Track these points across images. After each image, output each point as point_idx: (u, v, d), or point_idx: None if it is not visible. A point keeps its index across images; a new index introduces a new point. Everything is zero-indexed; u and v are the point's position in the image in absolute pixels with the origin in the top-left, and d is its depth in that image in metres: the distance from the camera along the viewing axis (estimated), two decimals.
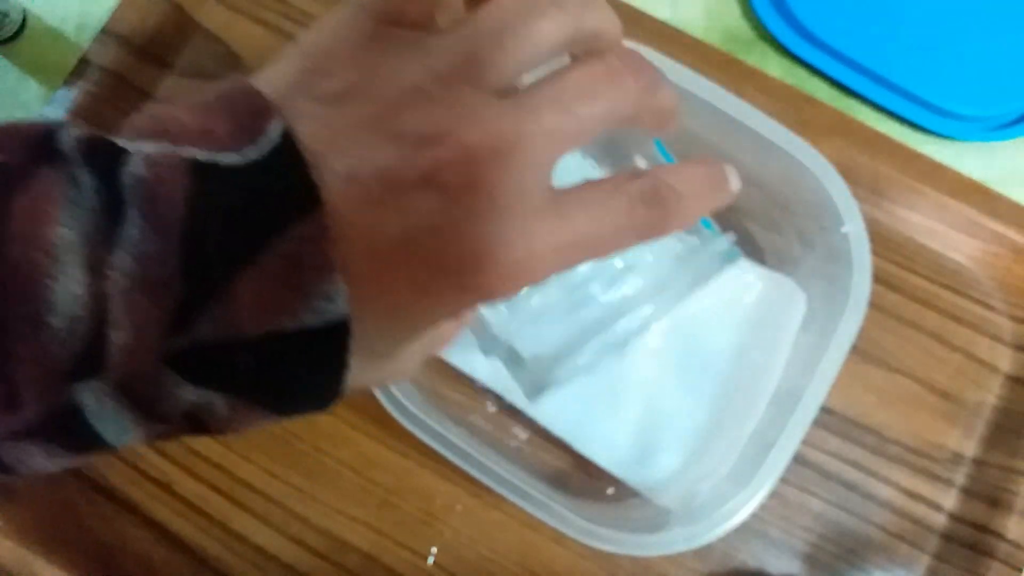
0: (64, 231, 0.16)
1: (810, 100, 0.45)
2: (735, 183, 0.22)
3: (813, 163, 0.37)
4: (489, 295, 0.18)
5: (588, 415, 0.40)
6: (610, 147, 0.23)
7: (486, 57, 0.18)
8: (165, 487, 0.41)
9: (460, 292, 0.18)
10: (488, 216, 0.17)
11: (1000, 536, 0.40)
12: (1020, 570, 0.39)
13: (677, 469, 0.39)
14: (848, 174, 0.37)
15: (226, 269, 0.16)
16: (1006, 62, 0.46)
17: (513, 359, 0.24)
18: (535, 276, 0.18)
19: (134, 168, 0.16)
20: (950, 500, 0.41)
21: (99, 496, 0.41)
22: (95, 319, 0.16)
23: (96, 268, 0.16)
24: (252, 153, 0.17)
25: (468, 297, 0.18)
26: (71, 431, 0.17)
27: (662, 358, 0.40)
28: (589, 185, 0.19)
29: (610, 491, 0.40)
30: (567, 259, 0.19)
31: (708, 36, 0.47)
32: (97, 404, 0.17)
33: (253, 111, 0.17)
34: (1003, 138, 0.46)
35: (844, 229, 0.37)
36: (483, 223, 0.17)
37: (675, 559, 0.40)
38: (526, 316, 0.23)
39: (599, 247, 0.19)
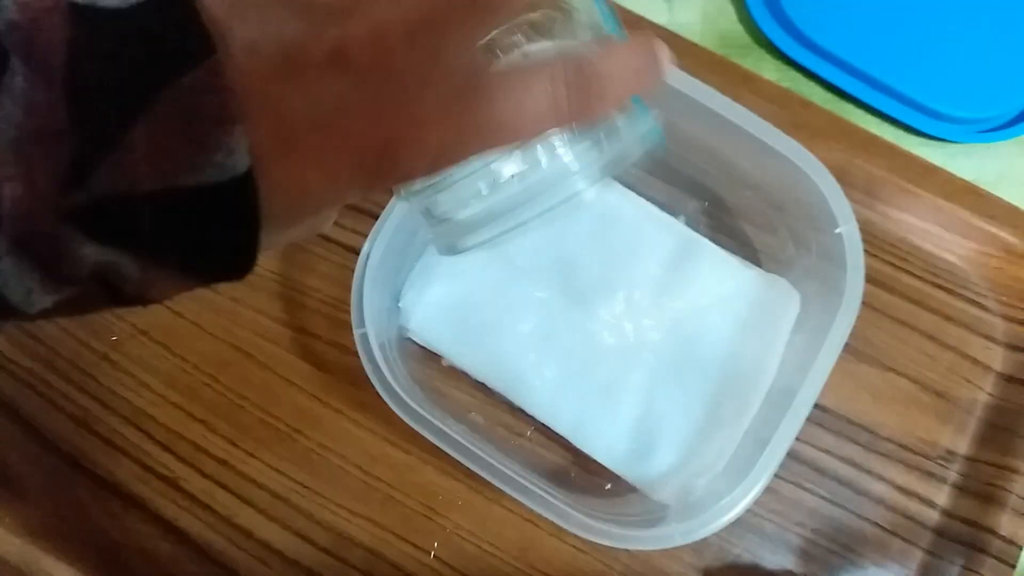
0: None
1: (805, 103, 0.45)
2: (665, 65, 0.21)
3: (808, 165, 0.37)
4: (403, 178, 0.18)
5: (586, 412, 0.40)
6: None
7: None
8: (171, 483, 0.41)
9: (371, 177, 0.17)
10: (400, 98, 0.17)
11: (993, 532, 0.40)
12: (1013, 566, 0.40)
13: (674, 465, 0.39)
14: (842, 176, 0.38)
15: (118, 118, 0.15)
16: (998, 65, 0.46)
17: (429, 216, 0.23)
18: (451, 159, 0.18)
19: (6, 14, 0.15)
20: (943, 496, 0.42)
21: (105, 492, 0.41)
22: None
23: None
24: None
25: (379, 181, 0.18)
26: None
27: (659, 356, 0.41)
28: (513, 68, 0.19)
29: (608, 486, 0.40)
30: (485, 142, 0.18)
31: (704, 40, 0.47)
32: None
33: None
34: (995, 140, 0.46)
35: (838, 230, 0.37)
36: (394, 105, 0.17)
37: (672, 553, 0.40)
38: (447, 181, 0.22)
39: (520, 131, 0.19)
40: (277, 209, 0.17)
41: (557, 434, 0.41)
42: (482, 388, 0.42)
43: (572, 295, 0.41)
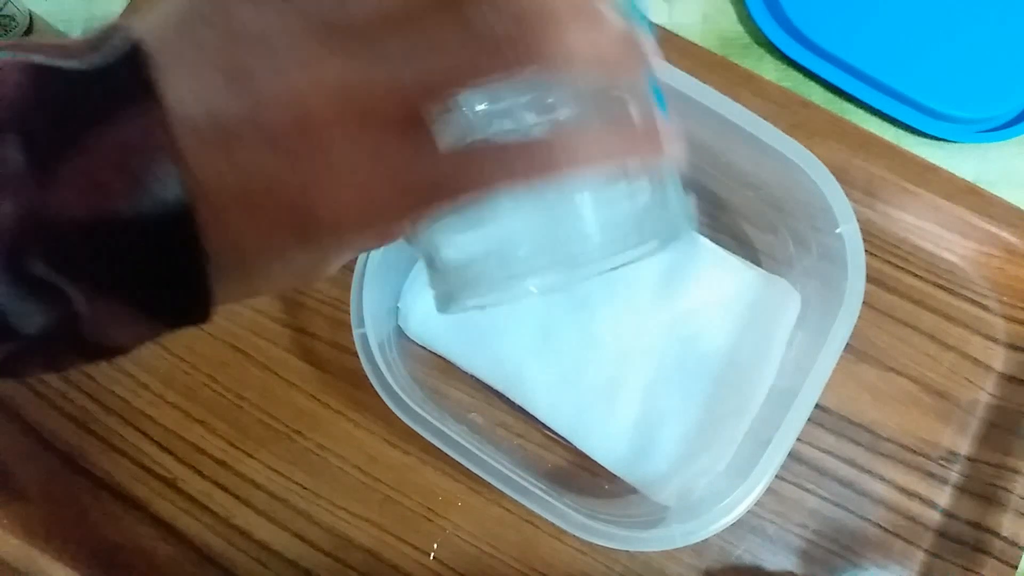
0: None
1: (805, 103, 0.45)
2: (668, 150, 0.20)
3: (808, 165, 0.37)
4: (333, 234, 0.18)
5: (587, 414, 0.40)
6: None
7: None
8: (170, 484, 0.41)
9: (300, 237, 0.18)
10: (316, 168, 0.17)
11: (994, 533, 0.40)
12: (1015, 567, 0.40)
13: (674, 466, 0.39)
14: (842, 176, 0.38)
15: (54, 152, 0.16)
16: (998, 65, 0.46)
17: (432, 263, 0.22)
18: (384, 220, 0.18)
19: None
20: (944, 497, 0.41)
21: (104, 493, 0.41)
22: None
23: None
24: (96, 60, 0.17)
25: (317, 240, 0.18)
26: None
27: (659, 357, 0.41)
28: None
29: (608, 487, 0.40)
30: (419, 202, 0.18)
31: (704, 40, 0.47)
32: None
33: (106, 28, 0.18)
34: (996, 140, 0.46)
35: (839, 230, 0.37)
36: (310, 175, 0.17)
37: (672, 555, 0.40)
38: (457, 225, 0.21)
39: (457, 190, 0.18)
40: (220, 247, 0.18)
41: (557, 435, 0.40)
42: (482, 388, 0.41)
43: (572, 295, 0.41)
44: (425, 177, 0.18)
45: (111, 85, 0.17)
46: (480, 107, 0.19)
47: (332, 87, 0.17)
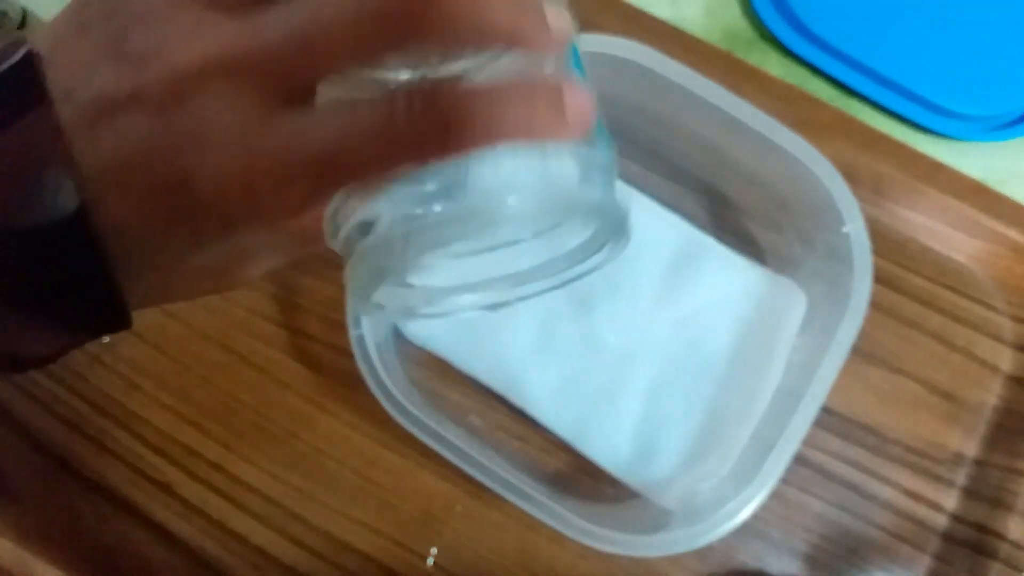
0: None
1: (811, 99, 0.45)
2: (581, 116, 0.17)
3: (814, 163, 0.37)
4: (218, 217, 0.17)
5: (588, 416, 0.40)
6: None
7: None
8: (164, 487, 0.41)
9: (186, 214, 0.17)
10: (193, 131, 0.17)
11: (1001, 537, 0.40)
12: (1021, 571, 0.39)
13: (677, 469, 0.39)
14: (849, 174, 0.37)
15: None
16: (1007, 62, 0.46)
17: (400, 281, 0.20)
18: (267, 198, 0.17)
19: None
20: (951, 501, 0.41)
21: (97, 496, 0.41)
22: None
23: None
24: None
25: (198, 219, 0.18)
26: None
27: (662, 359, 0.40)
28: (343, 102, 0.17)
29: (610, 491, 0.40)
30: (304, 178, 0.17)
31: (708, 35, 0.47)
32: None
33: (8, 43, 0.18)
34: (1004, 138, 0.46)
35: (845, 229, 0.37)
36: (188, 139, 0.17)
37: (675, 560, 0.39)
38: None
39: (342, 165, 0.16)
40: (121, 251, 0.18)
41: (558, 438, 0.40)
42: (481, 390, 0.41)
43: (574, 295, 0.41)
44: (312, 154, 0.16)
45: (5, 95, 0.17)
46: (369, 76, 0.17)
47: (212, 53, 0.17)
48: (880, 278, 0.40)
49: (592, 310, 0.40)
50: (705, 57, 0.44)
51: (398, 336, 0.41)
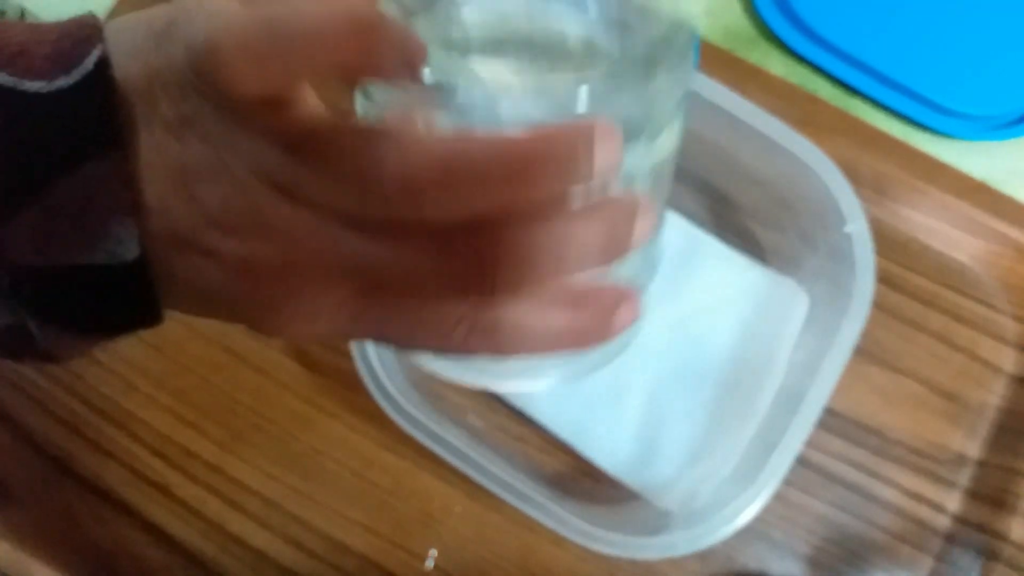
0: None
1: (812, 98, 0.44)
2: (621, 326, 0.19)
3: (816, 162, 0.37)
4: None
5: (588, 416, 0.39)
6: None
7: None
8: (162, 489, 0.41)
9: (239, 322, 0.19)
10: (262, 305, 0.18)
11: (1003, 538, 0.40)
12: None
13: (678, 471, 0.39)
14: (851, 173, 0.37)
15: (9, 202, 0.16)
16: (1010, 61, 0.46)
17: None
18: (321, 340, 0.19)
19: None
20: (953, 502, 0.41)
21: (95, 498, 0.41)
22: None
23: None
24: (62, 81, 0.16)
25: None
26: None
27: (663, 359, 0.40)
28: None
29: (610, 493, 0.40)
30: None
31: (709, 34, 0.47)
32: None
33: (80, 38, 0.17)
34: (1006, 137, 0.46)
35: (847, 229, 0.37)
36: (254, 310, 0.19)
37: (676, 562, 0.39)
38: None
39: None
40: (175, 291, 0.19)
41: (558, 438, 0.40)
42: (481, 391, 0.41)
43: None
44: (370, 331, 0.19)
45: (72, 121, 0.16)
46: None
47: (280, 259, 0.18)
48: (882, 278, 0.40)
49: None
50: (706, 56, 0.44)
51: None
